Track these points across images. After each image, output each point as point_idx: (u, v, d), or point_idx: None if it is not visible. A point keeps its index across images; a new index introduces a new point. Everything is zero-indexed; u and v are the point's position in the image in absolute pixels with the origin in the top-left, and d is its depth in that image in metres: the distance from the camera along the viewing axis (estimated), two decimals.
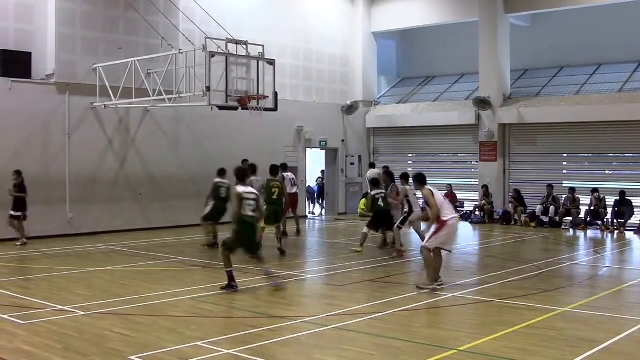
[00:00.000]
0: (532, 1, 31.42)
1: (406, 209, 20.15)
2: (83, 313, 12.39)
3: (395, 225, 20.34)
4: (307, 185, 34.53)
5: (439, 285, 14.69)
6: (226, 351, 9.90)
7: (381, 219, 20.69)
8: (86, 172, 24.72)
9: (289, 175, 25.35)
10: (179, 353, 9.85)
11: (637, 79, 30.03)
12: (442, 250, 15.04)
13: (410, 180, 18.82)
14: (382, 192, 20.83)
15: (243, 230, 14.43)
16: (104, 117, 25.25)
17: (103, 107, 24.66)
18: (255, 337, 10.76)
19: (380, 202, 20.53)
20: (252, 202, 14.40)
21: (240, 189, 14.55)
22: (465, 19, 33.24)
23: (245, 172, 15.51)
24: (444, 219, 14.55)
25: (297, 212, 26.32)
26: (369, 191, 21.33)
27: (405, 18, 35.04)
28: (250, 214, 14.36)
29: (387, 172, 23.15)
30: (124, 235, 23.96)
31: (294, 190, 25.31)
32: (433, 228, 14.78)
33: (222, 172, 21.58)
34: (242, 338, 10.68)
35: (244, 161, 26.27)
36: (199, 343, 10.33)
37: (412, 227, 20.70)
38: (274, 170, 21.05)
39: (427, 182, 15.51)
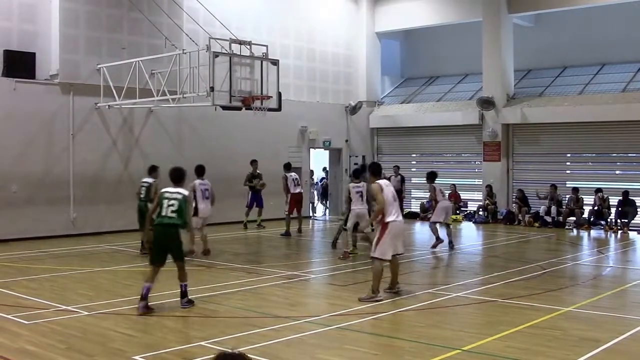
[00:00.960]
0: (536, 1, 31.43)
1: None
2: (87, 313, 12.42)
3: (340, 226, 20.68)
4: (315, 184, 34.66)
5: (379, 299, 13.64)
6: (229, 351, 9.89)
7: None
8: (90, 172, 24.75)
9: (292, 175, 25.35)
10: (183, 353, 9.87)
11: None
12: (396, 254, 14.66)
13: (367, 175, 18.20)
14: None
15: (154, 234, 13.22)
16: (108, 118, 25.29)
17: (107, 107, 24.70)
18: (259, 337, 10.78)
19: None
20: (173, 202, 13.03)
21: (170, 189, 13.44)
22: (468, 19, 33.26)
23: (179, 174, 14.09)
24: (386, 220, 13.66)
25: (302, 212, 26.37)
26: None
27: (408, 18, 35.07)
28: (170, 215, 12.97)
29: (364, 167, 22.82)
30: (127, 236, 23.96)
31: (298, 190, 25.29)
32: (377, 234, 13.94)
33: (152, 170, 20.41)
34: (246, 338, 10.70)
35: (253, 161, 26.40)
36: (202, 343, 10.35)
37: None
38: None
39: (381, 174, 15.44)
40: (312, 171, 34.19)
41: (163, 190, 13.45)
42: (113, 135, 25.53)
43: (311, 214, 33.16)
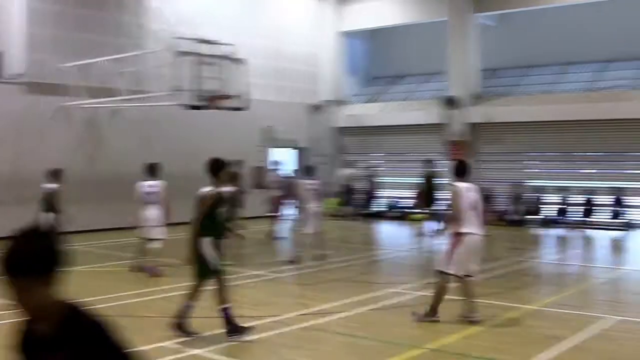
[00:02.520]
0: (501, 1, 31.67)
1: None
2: None
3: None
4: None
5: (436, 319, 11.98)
6: (196, 351, 9.96)
7: None
8: None
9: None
10: (149, 353, 9.89)
11: (605, 78, 30.35)
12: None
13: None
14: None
15: None
16: (74, 117, 25.18)
17: (72, 106, 24.60)
18: (223, 337, 10.79)
19: None
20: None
21: None
22: (434, 19, 33.39)
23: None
24: (460, 231, 11.77)
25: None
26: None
27: (374, 17, 35.17)
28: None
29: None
30: (93, 235, 23.90)
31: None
32: (448, 246, 12.02)
33: (53, 174, 19.76)
34: (211, 338, 10.74)
35: (239, 162, 26.29)
36: (167, 343, 10.38)
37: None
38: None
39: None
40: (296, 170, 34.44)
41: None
42: (79, 135, 25.44)
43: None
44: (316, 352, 10.11)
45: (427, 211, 24.95)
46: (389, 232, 27.47)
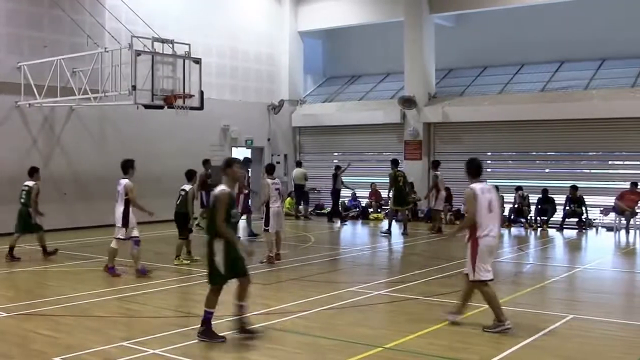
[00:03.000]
0: (457, 2, 31.83)
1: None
2: (6, 314, 12.28)
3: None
4: None
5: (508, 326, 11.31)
6: (152, 351, 9.91)
7: None
8: (9, 172, 24.31)
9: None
10: (105, 354, 9.83)
11: (559, 78, 30.67)
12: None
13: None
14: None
15: None
16: (29, 116, 24.94)
17: (27, 106, 24.40)
18: (181, 336, 10.79)
19: None
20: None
21: None
22: (390, 19, 33.48)
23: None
24: (477, 234, 11.31)
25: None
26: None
27: (331, 17, 35.19)
28: None
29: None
30: (48, 235, 23.51)
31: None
32: (469, 252, 11.51)
33: (33, 172, 19.94)
34: (169, 338, 10.70)
35: (206, 161, 26.24)
36: (124, 343, 10.32)
37: None
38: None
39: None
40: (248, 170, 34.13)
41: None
42: (34, 134, 25.20)
43: None
44: (275, 352, 10.10)
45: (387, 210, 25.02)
46: (347, 232, 27.47)
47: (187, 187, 18.70)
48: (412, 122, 31.74)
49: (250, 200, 24.36)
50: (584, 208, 27.15)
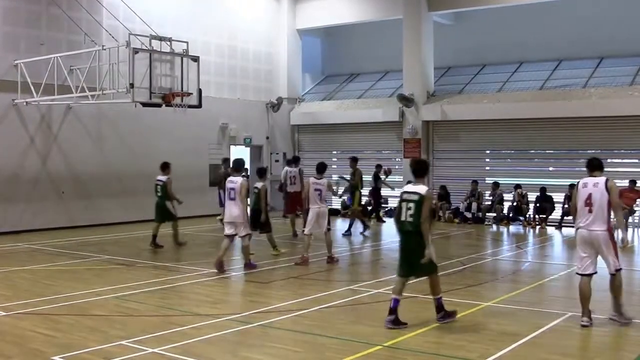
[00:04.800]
0: (455, 0, 31.78)
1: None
2: (4, 313, 12.25)
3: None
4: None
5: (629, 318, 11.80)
6: (151, 350, 9.89)
7: None
8: (7, 170, 24.35)
9: (291, 170, 24.59)
10: (103, 353, 9.80)
11: (558, 77, 30.63)
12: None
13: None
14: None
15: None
16: (26, 114, 24.88)
17: (25, 103, 24.34)
18: (180, 335, 10.75)
19: None
20: (411, 205, 11.38)
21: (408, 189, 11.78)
22: (389, 17, 33.43)
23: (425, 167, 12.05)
24: (575, 226, 12.00)
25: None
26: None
27: (329, 15, 35.15)
28: (409, 219, 11.34)
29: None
30: (46, 234, 23.69)
31: (292, 189, 24.19)
32: None
33: (164, 167, 21.43)
34: (167, 336, 10.67)
35: (226, 160, 26.34)
36: (123, 342, 10.29)
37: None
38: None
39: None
40: (246, 169, 34.01)
41: (402, 190, 11.87)
42: (31, 132, 25.15)
43: None
44: (275, 350, 10.08)
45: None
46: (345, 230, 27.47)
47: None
48: (410, 120, 31.70)
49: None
50: None
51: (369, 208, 29.26)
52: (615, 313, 11.70)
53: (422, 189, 11.42)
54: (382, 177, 23.25)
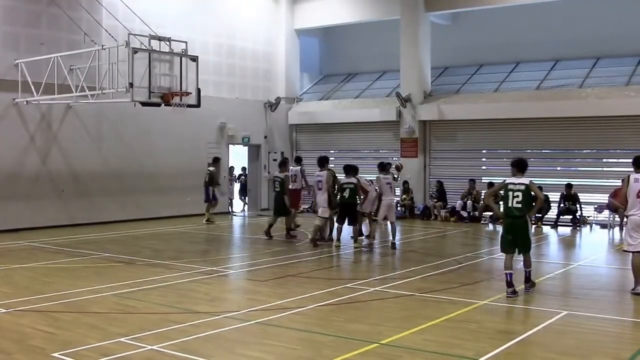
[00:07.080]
0: (452, 0, 31.85)
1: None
2: (4, 311, 12.33)
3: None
4: (235, 180, 34.63)
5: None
6: (150, 347, 9.98)
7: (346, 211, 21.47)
8: (7, 169, 24.45)
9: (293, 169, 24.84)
10: (102, 349, 9.88)
11: (554, 77, 30.72)
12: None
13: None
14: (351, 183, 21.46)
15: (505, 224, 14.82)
16: (26, 113, 24.98)
17: (25, 103, 24.43)
18: (178, 332, 10.84)
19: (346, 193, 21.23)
20: (518, 194, 14.49)
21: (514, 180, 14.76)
22: (386, 17, 33.51)
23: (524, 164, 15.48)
24: (626, 213, 14.37)
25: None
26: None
27: (327, 15, 35.22)
28: (516, 205, 14.37)
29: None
30: (46, 232, 23.77)
31: (293, 186, 24.33)
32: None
33: (280, 165, 23.59)
34: (166, 334, 10.76)
35: (217, 159, 26.45)
36: (122, 339, 10.38)
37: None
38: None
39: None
40: (232, 167, 34.01)
41: (507, 181, 14.68)
42: (31, 131, 25.25)
43: (230, 210, 33.10)
44: (272, 348, 10.15)
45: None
46: (344, 230, 27.52)
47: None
48: (407, 119, 31.80)
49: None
50: (578, 205, 27.31)
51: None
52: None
53: (526, 180, 14.44)
54: (394, 173, 23.06)
